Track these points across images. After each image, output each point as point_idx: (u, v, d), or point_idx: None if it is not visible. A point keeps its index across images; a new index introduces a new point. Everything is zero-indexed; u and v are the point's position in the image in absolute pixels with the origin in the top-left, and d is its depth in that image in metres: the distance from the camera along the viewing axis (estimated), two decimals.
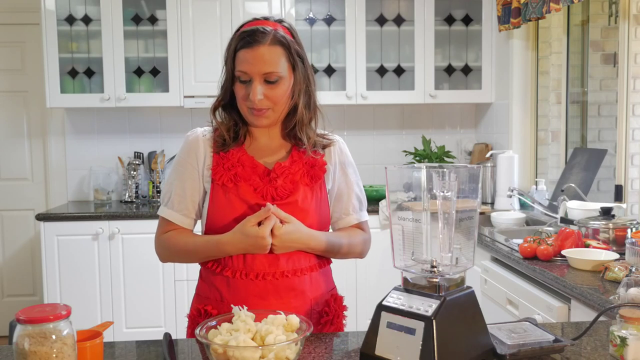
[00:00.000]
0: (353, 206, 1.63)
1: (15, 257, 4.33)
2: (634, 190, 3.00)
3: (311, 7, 3.91)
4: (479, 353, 1.21)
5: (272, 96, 1.47)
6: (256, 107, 1.46)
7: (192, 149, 1.55)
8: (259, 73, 1.44)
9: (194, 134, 1.58)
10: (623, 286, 1.50)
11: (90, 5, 3.76)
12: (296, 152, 1.56)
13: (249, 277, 1.48)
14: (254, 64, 1.44)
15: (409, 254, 1.25)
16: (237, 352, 1.12)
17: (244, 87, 1.47)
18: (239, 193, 1.49)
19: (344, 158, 1.64)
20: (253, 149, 1.56)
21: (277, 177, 1.51)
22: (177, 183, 1.56)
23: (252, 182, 1.50)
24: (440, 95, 3.94)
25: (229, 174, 1.50)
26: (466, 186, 1.21)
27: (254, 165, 1.52)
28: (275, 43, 1.46)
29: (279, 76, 1.46)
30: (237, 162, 1.51)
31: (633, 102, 2.94)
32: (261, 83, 1.45)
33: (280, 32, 1.48)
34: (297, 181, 1.52)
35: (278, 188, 1.50)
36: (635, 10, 2.91)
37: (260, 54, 1.44)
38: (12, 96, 4.25)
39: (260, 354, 1.13)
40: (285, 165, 1.52)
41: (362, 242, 1.63)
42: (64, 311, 1.05)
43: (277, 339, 1.17)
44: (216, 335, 1.20)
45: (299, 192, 1.51)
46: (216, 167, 1.52)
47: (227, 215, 1.49)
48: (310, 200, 1.52)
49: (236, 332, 1.19)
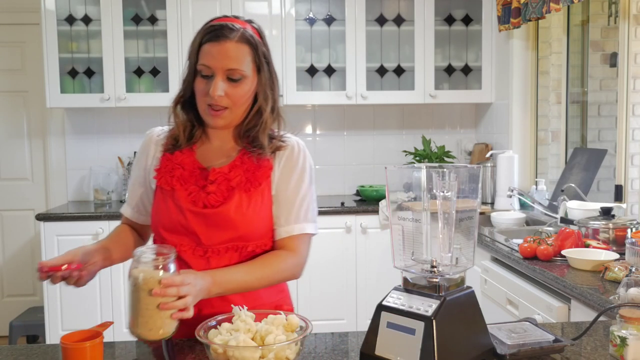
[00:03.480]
0: (287, 217, 1.50)
1: (15, 257, 4.33)
2: (634, 190, 2.99)
3: (311, 7, 3.91)
4: (479, 353, 1.21)
5: (233, 95, 1.42)
6: (215, 104, 1.41)
7: (143, 150, 1.57)
8: (223, 69, 1.40)
9: (150, 133, 1.59)
10: (623, 286, 1.50)
11: (90, 5, 3.76)
12: (241, 156, 1.49)
13: None
14: (219, 58, 1.39)
15: (409, 254, 1.25)
16: (237, 352, 1.12)
17: (204, 82, 1.42)
18: (174, 197, 1.46)
19: (291, 163, 1.51)
20: (203, 151, 1.51)
21: (212, 182, 1.45)
22: (132, 181, 1.60)
23: (188, 187, 1.46)
24: (440, 95, 3.94)
25: (167, 177, 1.47)
26: (466, 186, 1.21)
27: (194, 167, 1.48)
28: (243, 41, 1.42)
29: (242, 75, 1.42)
30: (179, 165, 1.48)
31: (633, 102, 2.94)
32: (223, 79, 1.40)
33: (249, 31, 1.44)
34: (233, 188, 1.45)
35: (210, 195, 1.44)
36: (635, 10, 2.90)
37: (226, 49, 1.40)
38: (12, 96, 4.25)
39: (260, 354, 1.13)
40: (222, 171, 1.46)
41: (283, 269, 1.47)
42: None
43: (277, 339, 1.17)
44: (216, 335, 1.19)
45: (233, 200, 1.44)
46: (159, 169, 1.50)
47: (166, 220, 1.47)
48: (245, 208, 1.45)
49: (236, 332, 1.19)
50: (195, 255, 1.46)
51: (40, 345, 1.42)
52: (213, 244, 1.45)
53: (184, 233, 1.46)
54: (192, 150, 1.50)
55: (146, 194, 1.56)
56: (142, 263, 1.22)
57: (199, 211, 1.44)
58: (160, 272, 1.21)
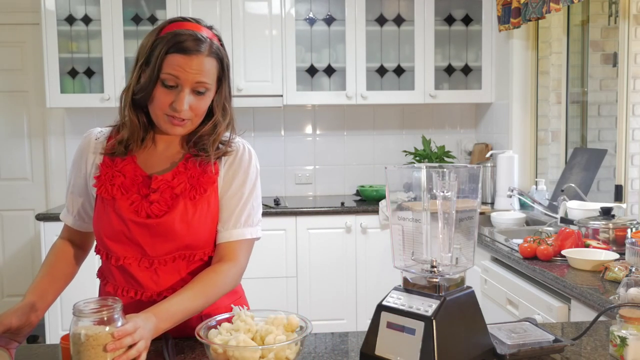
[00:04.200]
0: (228, 221, 1.44)
1: (15, 257, 4.33)
2: (634, 190, 3.00)
3: (311, 7, 3.91)
4: (479, 353, 1.21)
5: (196, 107, 1.36)
6: (178, 116, 1.35)
7: (82, 154, 1.48)
8: (191, 82, 1.33)
9: (88, 135, 1.50)
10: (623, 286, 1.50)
11: (90, 5, 3.76)
12: (184, 162, 1.42)
13: (129, 294, 1.42)
14: (189, 72, 1.32)
15: (409, 254, 1.25)
16: (237, 352, 1.12)
17: (166, 92, 1.34)
18: (115, 207, 1.39)
19: (235, 167, 1.46)
20: (145, 156, 1.44)
21: (154, 191, 1.39)
22: (70, 188, 1.51)
23: (130, 196, 1.39)
24: (440, 95, 3.94)
25: (107, 185, 1.40)
26: (466, 186, 1.21)
27: (135, 175, 1.41)
28: (212, 54, 1.36)
29: (207, 88, 1.36)
30: (119, 172, 1.41)
31: (633, 102, 2.94)
32: (189, 92, 1.34)
33: (215, 43, 1.38)
34: (177, 195, 1.39)
35: (153, 204, 1.38)
36: (635, 10, 2.91)
37: (198, 63, 1.33)
38: (12, 96, 4.25)
39: (260, 354, 1.13)
40: (164, 179, 1.40)
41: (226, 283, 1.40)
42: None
43: (277, 339, 1.17)
44: (216, 335, 1.19)
45: (177, 209, 1.38)
46: (99, 177, 1.42)
47: (106, 229, 1.41)
48: (191, 217, 1.39)
49: (236, 332, 1.19)
50: (141, 267, 1.41)
51: (40, 345, 1.42)
52: (159, 255, 1.40)
53: (127, 243, 1.40)
54: (132, 156, 1.43)
55: (88, 201, 1.49)
56: (84, 319, 1.09)
57: (142, 221, 1.38)
58: (107, 327, 1.09)
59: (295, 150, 4.23)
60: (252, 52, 3.77)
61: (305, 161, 4.26)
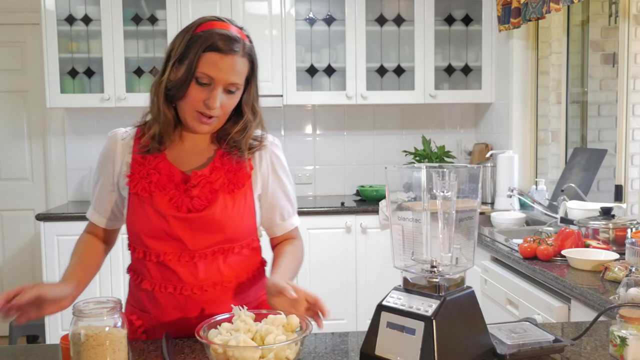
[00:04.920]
0: (288, 211, 1.56)
1: (15, 257, 4.33)
2: (634, 190, 3.00)
3: (311, 7, 3.91)
4: (479, 353, 1.21)
5: (225, 105, 1.41)
6: (208, 114, 1.39)
7: (109, 154, 1.50)
8: (225, 82, 1.38)
9: (114, 136, 1.52)
10: (623, 286, 1.51)
11: (90, 5, 3.76)
12: (219, 158, 1.47)
13: (168, 290, 1.45)
14: (225, 71, 1.37)
15: (409, 254, 1.25)
16: (237, 352, 1.12)
17: (201, 90, 1.37)
18: (153, 203, 1.42)
19: (275, 160, 1.53)
20: (175, 153, 1.47)
21: (194, 186, 1.42)
22: (97, 188, 1.53)
23: (168, 192, 1.42)
24: (440, 95, 3.94)
25: (143, 183, 1.43)
26: (466, 186, 1.21)
27: (171, 172, 1.44)
28: (245, 55, 1.41)
29: (238, 87, 1.41)
30: (154, 169, 1.43)
31: (633, 102, 2.94)
32: (222, 91, 1.39)
33: (248, 44, 1.43)
34: (216, 190, 1.43)
35: (194, 199, 1.41)
36: (635, 10, 2.91)
37: (233, 63, 1.37)
38: (12, 96, 4.25)
39: (260, 354, 1.13)
40: (203, 174, 1.44)
41: (300, 258, 1.57)
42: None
43: (277, 339, 1.17)
44: (216, 335, 1.19)
45: (217, 203, 1.42)
46: (132, 175, 1.44)
47: (144, 226, 1.43)
48: (230, 210, 1.43)
49: (236, 332, 1.19)
50: (181, 262, 1.43)
51: (40, 345, 1.42)
52: (199, 249, 1.43)
53: (167, 239, 1.42)
54: (162, 153, 1.46)
55: (120, 200, 1.51)
56: (84, 319, 1.10)
57: (183, 216, 1.41)
58: (107, 327, 1.10)
59: (295, 150, 4.23)
60: None
61: (305, 161, 4.26)
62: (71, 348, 1.10)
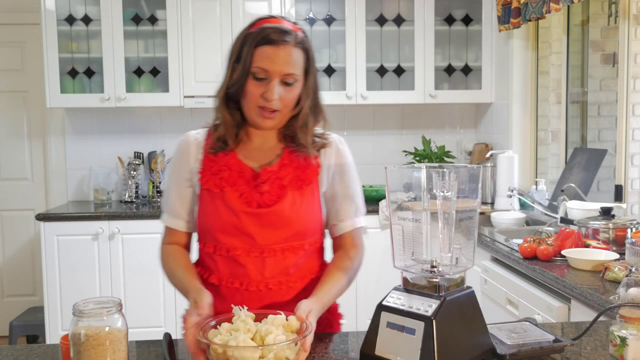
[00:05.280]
0: (347, 212, 1.55)
1: (15, 257, 4.33)
2: (634, 190, 3.00)
3: (311, 7, 3.91)
4: (479, 353, 1.21)
5: (285, 99, 1.43)
6: (269, 108, 1.41)
7: (183, 154, 1.53)
8: (280, 73, 1.40)
9: (186, 137, 1.55)
10: (623, 286, 1.50)
11: (90, 5, 3.76)
12: (287, 155, 1.50)
13: (234, 286, 1.47)
14: (277, 62, 1.39)
15: (409, 254, 1.25)
16: (237, 352, 1.12)
17: (258, 85, 1.41)
18: (224, 199, 1.45)
19: (340, 159, 1.55)
20: (244, 151, 1.51)
21: (264, 182, 1.45)
22: (174, 189, 1.54)
23: (238, 188, 1.45)
24: (440, 95, 3.94)
25: (214, 179, 1.46)
26: (466, 186, 1.21)
27: (241, 169, 1.47)
28: (298, 45, 1.43)
29: (296, 79, 1.43)
30: (224, 166, 1.47)
31: (633, 102, 2.94)
32: (279, 83, 1.41)
33: (301, 35, 1.45)
34: (285, 186, 1.46)
35: (264, 194, 1.45)
36: (635, 10, 2.91)
37: (285, 53, 1.40)
38: (12, 96, 4.25)
39: (260, 354, 1.13)
40: (273, 170, 1.47)
41: (357, 267, 1.55)
42: None
43: (277, 339, 1.17)
44: (216, 335, 1.19)
45: (286, 198, 1.45)
46: (204, 172, 1.48)
47: (215, 221, 1.46)
48: (299, 206, 1.46)
49: (236, 332, 1.19)
50: (250, 257, 1.45)
51: (40, 345, 1.42)
52: (268, 244, 1.45)
53: (237, 234, 1.45)
54: (233, 151, 1.49)
55: (192, 198, 1.53)
56: (84, 319, 1.09)
57: (253, 211, 1.44)
58: (107, 327, 1.10)
59: None
60: None
61: None
62: (71, 348, 1.10)
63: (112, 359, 1.09)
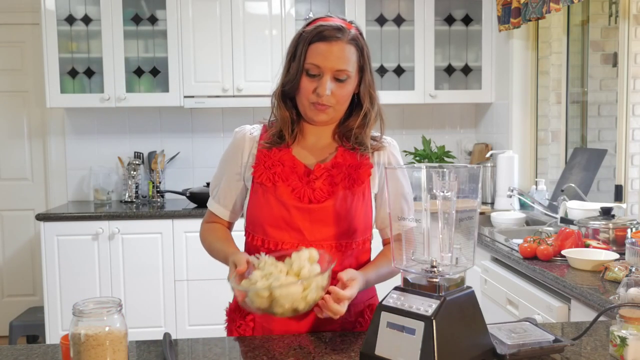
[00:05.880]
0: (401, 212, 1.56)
1: (15, 257, 4.33)
2: (634, 190, 2.99)
3: (311, 7, 3.91)
4: (479, 353, 1.21)
5: (338, 94, 1.45)
6: (321, 103, 1.44)
7: (238, 147, 1.56)
8: (332, 69, 1.43)
9: (241, 131, 1.59)
10: (623, 286, 1.50)
11: (90, 5, 3.76)
12: (341, 153, 1.52)
13: None
14: (329, 58, 1.42)
15: (409, 254, 1.25)
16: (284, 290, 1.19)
17: (311, 81, 1.44)
18: (276, 193, 1.48)
19: (393, 161, 1.57)
20: (298, 147, 1.54)
21: (317, 178, 1.48)
22: (223, 178, 1.59)
23: (291, 183, 1.48)
24: (440, 95, 3.94)
25: (268, 173, 1.49)
26: (466, 186, 1.21)
27: (294, 164, 1.50)
28: (351, 42, 1.45)
29: (349, 75, 1.45)
30: (278, 161, 1.49)
31: (633, 102, 2.94)
32: (331, 79, 1.43)
33: (354, 32, 1.48)
34: (337, 184, 1.48)
35: (316, 190, 1.47)
36: (635, 10, 2.91)
37: (337, 49, 1.43)
38: (12, 96, 4.25)
39: (303, 287, 1.22)
40: (325, 167, 1.49)
41: (390, 271, 1.54)
42: None
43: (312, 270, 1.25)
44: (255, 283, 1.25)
45: (337, 196, 1.48)
46: (257, 166, 1.51)
47: (265, 215, 1.49)
48: (349, 204, 1.48)
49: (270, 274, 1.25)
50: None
51: (40, 345, 1.42)
52: (316, 240, 1.47)
53: (286, 229, 1.47)
54: (288, 147, 1.52)
55: (240, 190, 1.58)
56: (84, 319, 1.09)
57: (304, 207, 1.46)
58: (107, 327, 1.09)
59: None
60: (252, 52, 3.77)
61: None
62: (71, 348, 1.10)
63: (112, 359, 1.09)
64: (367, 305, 1.57)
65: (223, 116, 4.11)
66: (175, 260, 3.57)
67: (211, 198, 1.62)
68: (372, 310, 1.55)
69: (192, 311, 3.61)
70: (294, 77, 1.46)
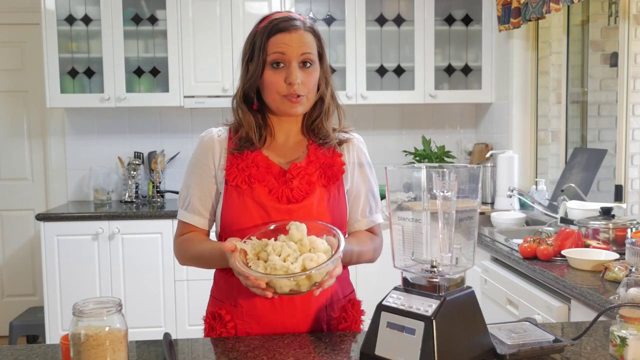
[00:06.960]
0: (365, 209, 1.59)
1: (15, 257, 4.33)
2: (634, 190, 2.99)
3: (311, 7, 3.91)
4: (479, 353, 1.21)
5: (307, 82, 1.44)
6: (294, 92, 1.42)
7: (207, 150, 1.52)
8: (297, 54, 1.42)
9: (208, 134, 1.55)
10: (623, 286, 1.50)
11: (90, 5, 3.76)
12: (313, 151, 1.52)
13: None
14: (293, 45, 1.42)
15: (409, 254, 1.25)
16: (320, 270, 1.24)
17: (277, 72, 1.43)
18: (253, 195, 1.46)
19: (362, 157, 1.59)
20: (269, 148, 1.52)
21: (293, 178, 1.47)
22: (194, 186, 1.53)
23: (267, 184, 1.46)
24: (440, 95, 3.94)
25: (242, 175, 1.46)
26: (466, 186, 1.21)
27: (268, 165, 1.48)
28: (309, 30, 1.46)
29: (313, 60, 1.45)
30: (252, 163, 1.47)
31: (633, 102, 2.94)
32: (298, 67, 1.43)
33: (309, 21, 1.49)
34: (313, 182, 1.48)
35: (294, 189, 1.46)
36: (635, 10, 2.91)
37: (297, 37, 1.43)
38: (12, 96, 4.25)
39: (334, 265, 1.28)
40: (301, 166, 1.49)
41: (372, 249, 1.59)
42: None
43: (314, 241, 1.30)
44: (280, 267, 1.25)
45: (315, 194, 1.47)
46: (230, 168, 1.48)
47: (242, 218, 1.45)
48: (326, 202, 1.48)
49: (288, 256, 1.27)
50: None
51: (40, 345, 1.42)
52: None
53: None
54: (258, 150, 1.50)
55: (214, 195, 1.53)
56: (84, 319, 1.09)
57: (283, 207, 1.45)
58: (107, 327, 1.09)
59: None
60: None
61: None
62: (71, 348, 1.10)
63: (112, 359, 1.09)
64: (347, 301, 1.58)
65: (223, 116, 4.08)
66: (175, 260, 3.56)
67: (182, 210, 1.55)
68: (353, 305, 1.58)
69: (192, 311, 3.60)
70: (254, 73, 1.44)
